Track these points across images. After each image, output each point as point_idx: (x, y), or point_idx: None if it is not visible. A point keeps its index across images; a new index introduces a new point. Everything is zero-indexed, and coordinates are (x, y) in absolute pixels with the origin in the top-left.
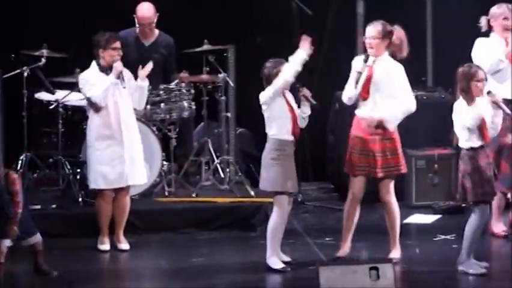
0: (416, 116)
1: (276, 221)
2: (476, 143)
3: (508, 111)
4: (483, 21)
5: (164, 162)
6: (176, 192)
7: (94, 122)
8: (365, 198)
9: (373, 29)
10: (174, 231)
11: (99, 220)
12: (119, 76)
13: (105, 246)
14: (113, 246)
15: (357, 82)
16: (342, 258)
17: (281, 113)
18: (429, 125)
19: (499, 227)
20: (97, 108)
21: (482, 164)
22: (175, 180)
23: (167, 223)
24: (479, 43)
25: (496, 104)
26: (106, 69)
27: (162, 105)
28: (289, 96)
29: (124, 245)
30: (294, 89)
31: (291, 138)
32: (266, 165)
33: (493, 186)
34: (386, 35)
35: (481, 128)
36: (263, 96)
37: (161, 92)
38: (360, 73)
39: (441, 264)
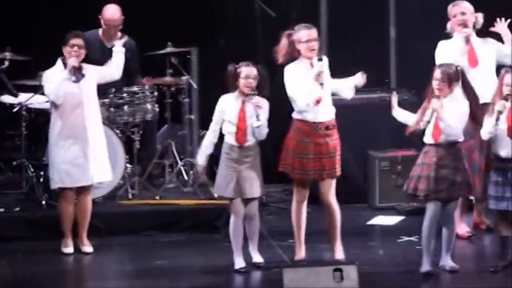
0: (379, 118)
1: (231, 225)
2: (428, 139)
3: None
4: (449, 26)
5: (128, 165)
6: (139, 195)
7: (57, 121)
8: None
9: (314, 31)
10: (137, 233)
11: (61, 223)
12: (72, 71)
13: (69, 249)
14: (77, 248)
15: (322, 84)
16: (302, 261)
17: (231, 119)
18: (392, 126)
19: (462, 228)
20: (55, 106)
21: (421, 161)
22: (139, 183)
23: (131, 226)
24: (440, 46)
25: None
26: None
27: (125, 107)
28: (249, 106)
29: (88, 247)
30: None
31: (235, 143)
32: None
33: (428, 184)
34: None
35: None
36: None
37: (124, 94)
38: (321, 72)
39: (405, 266)
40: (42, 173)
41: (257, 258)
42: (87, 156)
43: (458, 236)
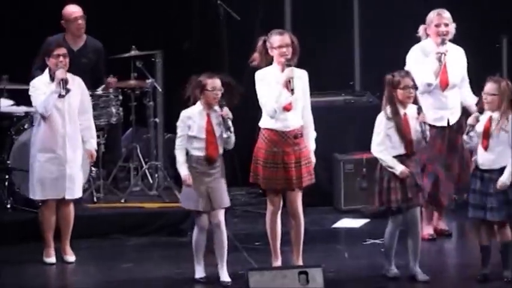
0: (344, 120)
1: (194, 236)
2: (392, 152)
3: (426, 135)
4: (421, 30)
5: (93, 168)
6: (105, 198)
7: (39, 133)
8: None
9: (286, 36)
10: (103, 237)
11: (43, 232)
12: (60, 84)
13: (51, 259)
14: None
15: (293, 89)
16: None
17: (197, 132)
18: (357, 129)
19: (426, 229)
20: (43, 117)
21: (386, 172)
22: (104, 186)
23: (96, 229)
24: (412, 58)
25: (420, 123)
26: (54, 78)
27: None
28: (215, 118)
29: (70, 257)
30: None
31: (202, 154)
32: None
33: (397, 195)
34: (293, 40)
35: (402, 138)
36: None
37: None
38: (291, 78)
39: (370, 269)
40: (6, 176)
41: (225, 277)
42: (63, 173)
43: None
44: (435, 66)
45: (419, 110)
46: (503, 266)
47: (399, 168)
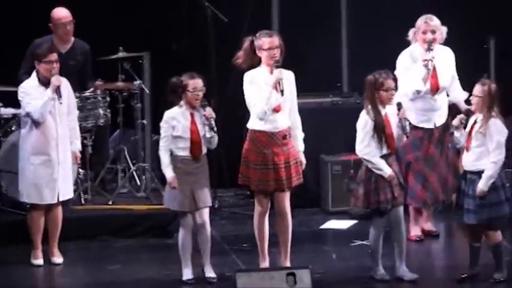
0: (331, 122)
1: (180, 237)
2: (376, 152)
3: (406, 130)
4: (410, 34)
5: (80, 170)
6: (92, 200)
7: (30, 136)
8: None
9: (276, 39)
10: (91, 238)
11: (31, 234)
12: (57, 91)
13: (38, 261)
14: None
15: (282, 90)
16: None
17: (182, 132)
18: (345, 130)
19: (413, 230)
20: (36, 123)
21: (373, 173)
22: (91, 188)
23: (84, 231)
24: (401, 65)
25: (400, 119)
26: (45, 83)
27: (77, 112)
28: (198, 117)
29: (58, 258)
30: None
31: (187, 154)
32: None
33: (386, 194)
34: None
35: (386, 138)
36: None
37: (76, 99)
38: (281, 80)
39: (358, 270)
40: None
41: (210, 273)
42: (56, 175)
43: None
44: (423, 73)
45: (399, 106)
46: (496, 267)
47: (387, 171)
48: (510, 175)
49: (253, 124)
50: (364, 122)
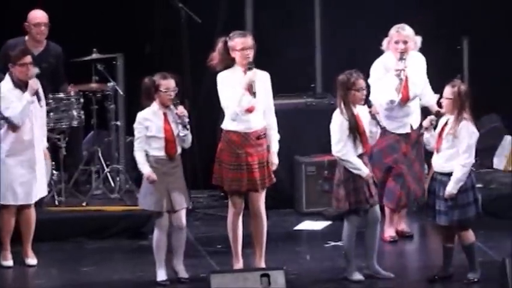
0: (305, 123)
1: (155, 238)
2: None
3: (381, 124)
4: (384, 43)
5: (54, 172)
6: (66, 202)
7: (7, 138)
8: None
9: (249, 39)
10: (65, 240)
11: (1, 235)
12: (35, 94)
13: (8, 262)
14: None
15: (254, 93)
16: None
17: (156, 132)
18: (318, 131)
19: (388, 231)
20: (13, 128)
21: (351, 174)
22: (65, 190)
23: (58, 232)
24: (375, 74)
25: (373, 115)
26: (20, 86)
27: (51, 114)
28: (171, 116)
29: (32, 260)
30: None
31: (162, 154)
32: (142, 181)
33: (366, 193)
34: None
35: (360, 137)
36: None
37: (50, 101)
38: (253, 81)
39: (332, 271)
40: None
41: (182, 273)
42: (32, 176)
43: (382, 240)
44: (396, 83)
45: (370, 103)
46: (470, 267)
47: (365, 171)
48: (480, 176)
49: (227, 124)
50: (339, 123)
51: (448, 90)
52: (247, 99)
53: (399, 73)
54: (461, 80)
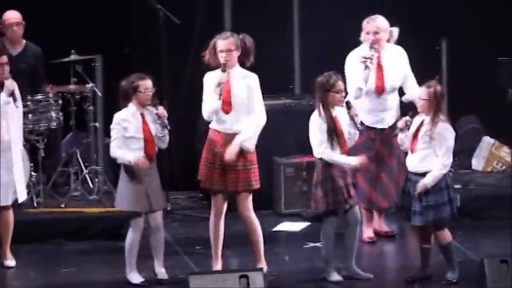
0: (284, 124)
1: (130, 239)
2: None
3: (358, 126)
4: (362, 35)
5: (33, 173)
6: (45, 203)
7: None
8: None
9: (227, 42)
10: (43, 241)
11: None
12: (11, 95)
13: None
14: None
15: (221, 94)
16: None
17: (135, 133)
18: (297, 132)
19: (366, 232)
20: None
21: (335, 173)
22: (44, 191)
23: (37, 234)
24: (348, 65)
25: (351, 117)
26: None
27: (30, 116)
28: (149, 116)
29: (10, 261)
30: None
31: (140, 154)
32: (119, 182)
33: (344, 194)
34: (239, 45)
35: (338, 139)
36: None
37: (28, 102)
38: (220, 84)
39: (311, 272)
40: None
41: (162, 275)
42: (11, 177)
43: (360, 241)
44: (364, 71)
45: (349, 105)
46: (448, 268)
47: (353, 161)
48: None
49: (212, 123)
50: (318, 125)
51: (423, 91)
52: (212, 101)
53: (365, 61)
54: (439, 81)
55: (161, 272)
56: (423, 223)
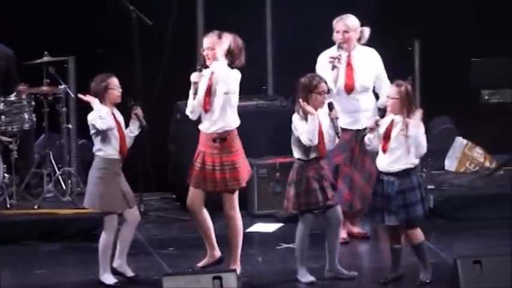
0: (257, 125)
1: (104, 240)
2: (308, 155)
3: (338, 130)
4: (334, 35)
5: (6, 175)
6: (18, 205)
7: None
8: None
9: (208, 40)
10: (16, 243)
11: None
12: None
13: None
14: None
15: (195, 93)
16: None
17: (110, 132)
18: (270, 133)
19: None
20: None
21: (309, 174)
22: (17, 193)
23: (10, 235)
24: (319, 65)
25: (331, 119)
26: None
27: (2, 117)
28: (118, 115)
29: None
30: (126, 106)
31: (117, 156)
32: (90, 182)
33: (317, 197)
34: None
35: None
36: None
37: (1, 104)
38: (196, 83)
39: (284, 273)
40: None
41: (130, 272)
42: None
43: None
44: (332, 71)
45: (331, 106)
46: (421, 267)
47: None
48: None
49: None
50: (301, 127)
51: (393, 90)
52: (189, 101)
53: (332, 61)
54: (412, 82)
55: (127, 270)
56: (398, 222)
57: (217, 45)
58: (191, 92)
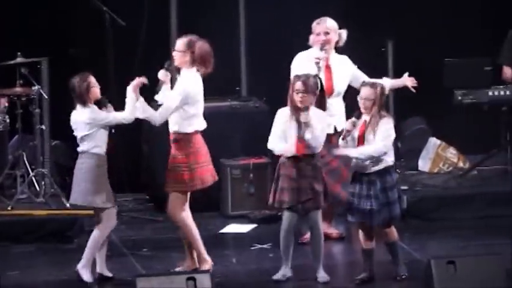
0: (230, 126)
1: (103, 234)
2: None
3: (304, 135)
4: (311, 39)
5: None
6: None
7: None
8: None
9: (178, 42)
10: None
11: None
12: None
13: None
14: None
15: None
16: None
17: (105, 129)
18: (243, 134)
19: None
20: None
21: (282, 173)
22: None
23: None
24: (298, 59)
25: (298, 121)
26: None
27: None
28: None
29: None
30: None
31: (103, 151)
32: (88, 180)
33: (289, 196)
34: (190, 47)
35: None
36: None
37: None
38: (160, 82)
39: (259, 273)
40: None
41: (107, 272)
42: None
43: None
44: (315, 72)
45: (304, 109)
46: (395, 264)
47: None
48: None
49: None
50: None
51: (369, 91)
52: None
53: (318, 62)
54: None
55: (106, 270)
56: (382, 221)
57: (183, 47)
58: (157, 88)
